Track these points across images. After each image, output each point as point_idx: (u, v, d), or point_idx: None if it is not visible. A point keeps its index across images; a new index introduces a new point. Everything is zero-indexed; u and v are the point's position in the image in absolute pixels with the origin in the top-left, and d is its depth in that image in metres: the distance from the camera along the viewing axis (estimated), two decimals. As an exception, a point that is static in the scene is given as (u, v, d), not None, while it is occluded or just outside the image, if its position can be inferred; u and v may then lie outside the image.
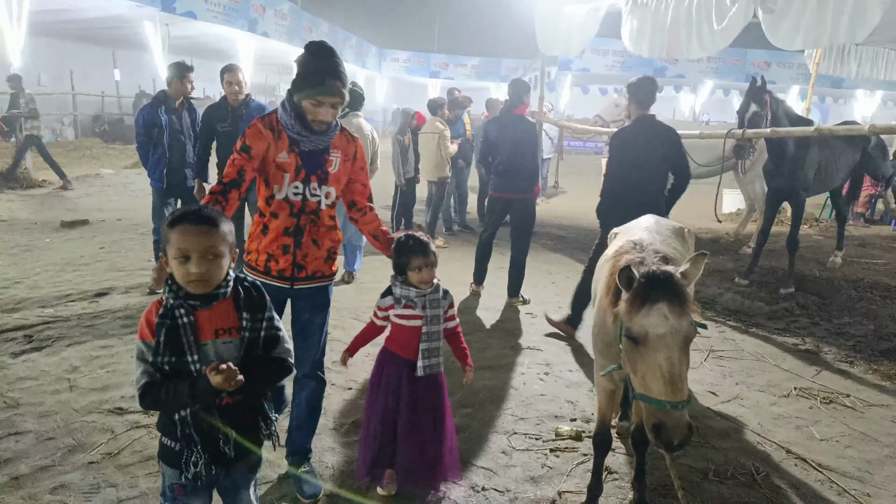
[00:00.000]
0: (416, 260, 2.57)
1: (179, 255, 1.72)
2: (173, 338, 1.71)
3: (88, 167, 13.76)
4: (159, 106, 5.40)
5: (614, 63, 23.37)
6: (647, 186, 4.48)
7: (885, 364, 4.58)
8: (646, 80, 4.63)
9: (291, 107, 2.50)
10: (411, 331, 2.63)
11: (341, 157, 2.67)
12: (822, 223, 10.76)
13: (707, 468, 3.11)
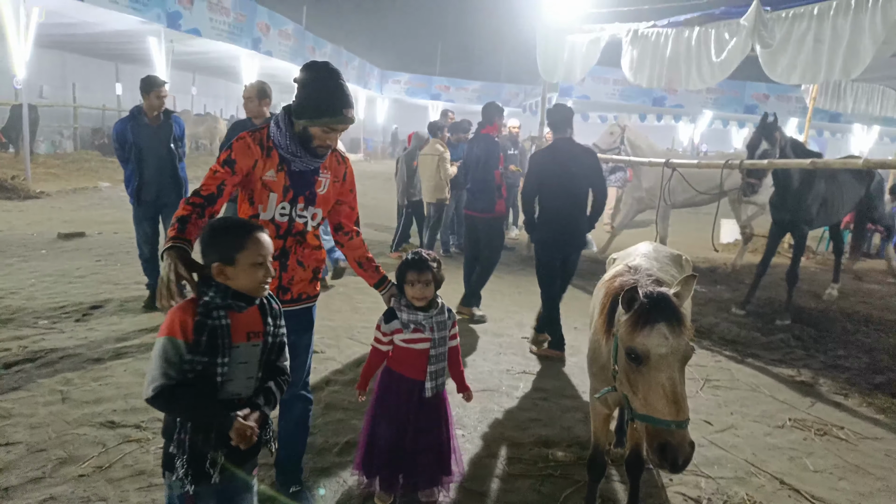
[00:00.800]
0: (410, 274, 2.62)
1: (260, 260, 1.89)
2: (211, 338, 1.79)
3: (87, 180, 13.80)
4: (130, 120, 5.23)
5: (614, 91, 23.64)
6: (564, 203, 4.84)
7: (879, 397, 4.58)
8: (560, 106, 5.09)
9: (288, 127, 2.43)
10: (418, 353, 2.65)
11: (331, 179, 2.60)
12: (819, 255, 10.82)
13: (700, 497, 3.09)
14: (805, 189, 6.09)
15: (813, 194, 6.16)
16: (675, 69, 6.92)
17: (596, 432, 2.75)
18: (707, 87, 8.95)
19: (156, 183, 5.27)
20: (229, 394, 1.87)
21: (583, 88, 23.13)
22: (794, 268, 6.33)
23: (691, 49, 6.67)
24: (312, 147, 2.44)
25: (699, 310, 6.45)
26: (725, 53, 6.24)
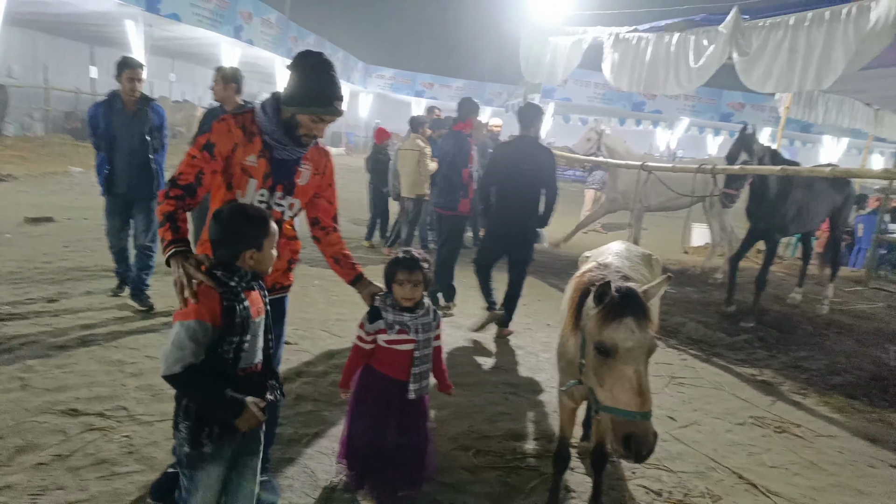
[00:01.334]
0: (401, 273, 2.59)
1: (276, 240, 2.12)
2: (232, 318, 1.94)
3: (57, 164, 13.49)
4: (104, 105, 4.93)
5: (595, 94, 23.88)
6: (516, 197, 5.04)
7: (836, 397, 4.75)
8: (531, 104, 5.19)
9: (275, 113, 2.41)
10: (402, 354, 2.62)
11: (311, 170, 2.59)
12: (784, 261, 11.09)
13: (662, 490, 3.19)
14: (781, 198, 6.25)
15: (788, 203, 6.32)
16: (654, 74, 7.05)
17: (562, 426, 2.82)
18: (685, 92, 9.12)
19: (126, 175, 4.96)
20: (248, 363, 2.04)
21: (565, 91, 23.33)
22: (763, 273, 6.50)
23: (671, 54, 6.80)
24: (298, 135, 2.43)
25: (667, 309, 6.59)
26: (703, 60, 6.38)
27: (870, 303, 8.15)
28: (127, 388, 3.67)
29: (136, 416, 3.37)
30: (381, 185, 8.61)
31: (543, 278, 7.91)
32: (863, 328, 6.72)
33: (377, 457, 2.67)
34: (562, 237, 9.60)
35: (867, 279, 9.51)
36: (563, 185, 22.25)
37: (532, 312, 6.31)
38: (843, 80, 5.73)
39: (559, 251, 9.76)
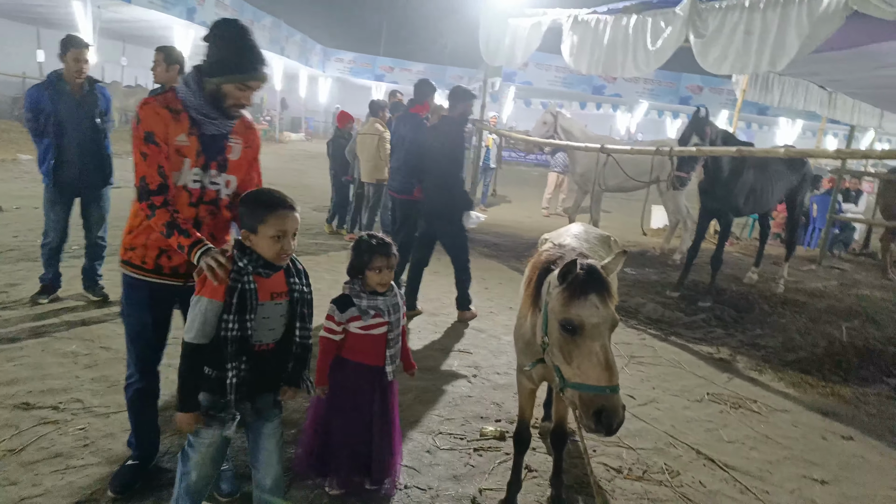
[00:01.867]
0: (378, 260, 2.56)
1: (278, 234, 2.14)
2: (241, 299, 2.08)
3: (4, 151, 12.94)
4: (47, 88, 4.57)
5: (556, 78, 23.95)
6: (434, 177, 5.14)
7: (790, 373, 4.89)
8: (458, 87, 5.24)
9: (199, 87, 2.33)
10: (377, 338, 2.60)
11: (242, 144, 2.52)
12: (741, 241, 11.36)
13: (622, 467, 3.23)
14: (733, 179, 6.36)
15: (741, 184, 6.44)
16: (613, 56, 7.06)
17: (522, 407, 2.82)
18: (643, 75, 9.19)
19: (77, 162, 4.62)
20: (255, 341, 2.17)
21: (526, 74, 23.34)
22: (718, 253, 6.64)
23: (628, 37, 6.81)
24: (225, 107, 2.36)
25: (627, 291, 6.68)
26: (661, 42, 6.40)
27: (823, 281, 8.40)
28: (81, 380, 3.57)
29: (92, 408, 3.28)
30: (341, 171, 8.48)
31: (505, 262, 7.93)
32: (816, 306, 6.92)
33: (359, 449, 2.64)
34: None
35: (821, 258, 9.80)
36: (525, 169, 22.36)
37: (494, 296, 6.32)
38: (797, 62, 5.83)
39: (523, 235, 9.79)
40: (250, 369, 2.16)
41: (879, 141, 19.60)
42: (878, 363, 5.22)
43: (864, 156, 6.24)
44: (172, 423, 3.16)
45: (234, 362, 2.11)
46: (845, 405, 4.40)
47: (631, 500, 2.94)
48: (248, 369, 2.15)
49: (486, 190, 13.21)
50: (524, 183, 18.93)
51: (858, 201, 12.12)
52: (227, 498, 2.66)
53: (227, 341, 2.09)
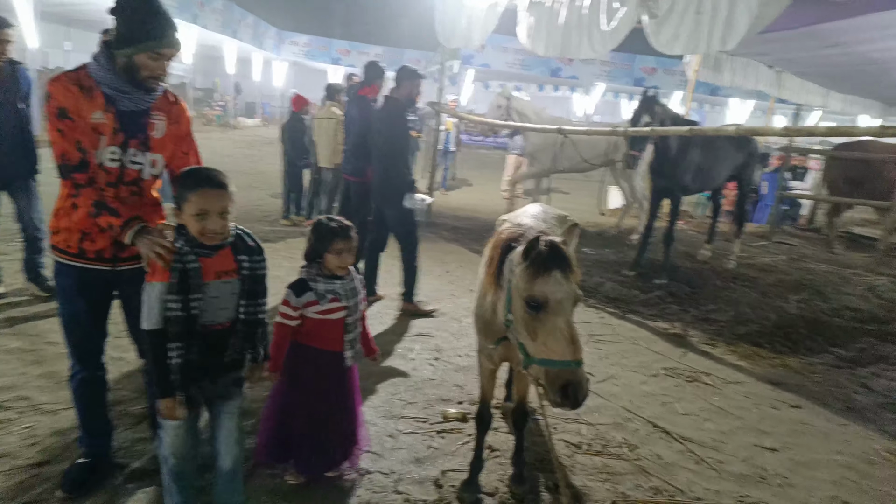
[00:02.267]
0: (338, 243, 2.52)
1: (199, 212, 2.10)
2: (183, 280, 2.07)
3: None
4: None
5: (514, 61, 23.95)
6: (377, 157, 5.12)
7: (742, 346, 5.04)
8: (403, 67, 5.17)
9: (109, 61, 2.26)
10: (334, 323, 2.57)
11: (166, 121, 2.43)
12: (695, 219, 11.63)
13: (581, 443, 3.29)
14: (681, 157, 6.50)
15: (688, 162, 6.57)
16: (568, 38, 7.07)
17: (483, 388, 2.84)
18: (598, 56, 9.25)
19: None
20: (205, 321, 2.16)
21: (484, 57, 23.28)
22: (669, 230, 6.78)
23: (583, 18, 6.83)
24: (141, 80, 2.29)
25: (587, 271, 6.77)
26: (615, 23, 6.43)
27: (773, 256, 8.67)
28: (28, 377, 3.45)
29: (39, 405, 3.18)
30: (296, 157, 8.32)
31: (465, 245, 7.95)
32: (766, 280, 7.15)
33: (317, 436, 2.62)
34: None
35: (771, 234, 10.11)
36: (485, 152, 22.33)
37: (455, 279, 6.33)
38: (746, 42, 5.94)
39: (484, 218, 9.82)
40: (203, 349, 2.16)
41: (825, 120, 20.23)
42: (824, 334, 5.43)
43: (809, 133, 6.44)
44: (127, 417, 3.10)
45: (177, 342, 2.10)
46: (794, 375, 4.56)
47: (591, 474, 3.00)
48: (201, 350, 2.15)
49: (445, 174, 13.18)
50: (484, 166, 18.93)
51: (805, 178, 12.54)
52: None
53: (170, 322, 2.08)
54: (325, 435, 2.63)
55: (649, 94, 6.25)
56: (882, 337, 5.51)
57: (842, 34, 7.39)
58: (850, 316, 6.00)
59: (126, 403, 3.26)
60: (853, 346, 5.24)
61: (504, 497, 2.76)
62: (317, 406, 2.61)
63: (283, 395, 2.65)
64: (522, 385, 2.78)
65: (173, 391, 2.13)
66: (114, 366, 3.65)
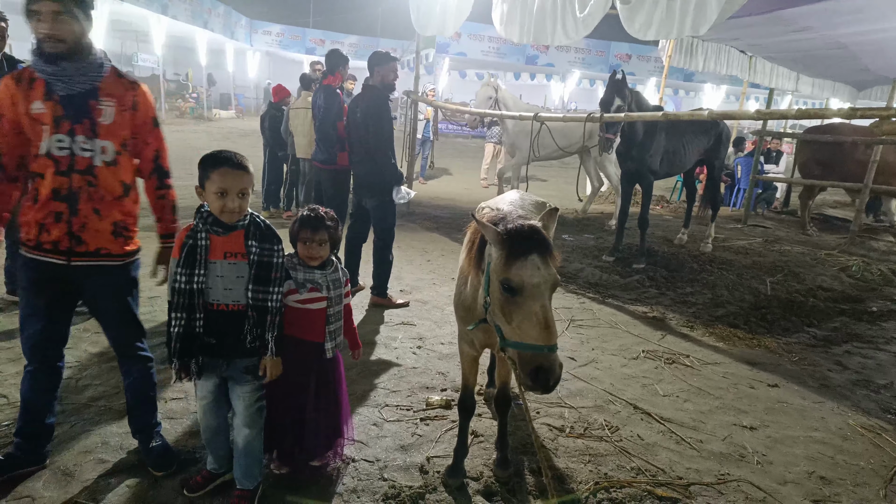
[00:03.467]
0: (304, 232, 2.53)
1: (220, 190, 2.22)
2: (191, 255, 2.21)
3: None
4: None
5: (490, 49, 23.95)
6: (358, 148, 5.02)
7: (720, 328, 5.12)
8: (375, 52, 5.08)
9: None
10: (315, 313, 2.56)
11: (116, 107, 2.37)
12: (671, 204, 11.76)
13: (564, 426, 3.33)
14: (648, 141, 6.56)
15: (655, 146, 6.63)
16: (542, 24, 7.08)
17: (465, 374, 2.85)
18: (572, 43, 9.28)
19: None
20: (210, 299, 2.27)
21: (459, 45, 23.24)
22: (643, 214, 6.85)
23: (557, 4, 6.84)
24: (42, 49, 2.24)
25: (567, 257, 6.82)
26: (588, 9, 6.45)
27: (748, 239, 8.81)
28: (4, 375, 3.39)
29: (17, 402, 3.09)
30: (277, 147, 8.24)
31: (447, 234, 7.95)
32: (742, 262, 7.27)
33: (297, 426, 2.61)
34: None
35: (745, 217, 10.27)
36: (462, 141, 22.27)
37: (436, 267, 6.34)
38: (718, 27, 5.99)
39: (463, 206, 9.82)
40: (210, 327, 2.27)
41: (796, 103, 20.57)
42: (799, 314, 5.54)
43: (781, 116, 6.50)
44: (109, 412, 3.06)
45: (179, 313, 2.22)
46: (770, 355, 4.65)
47: (573, 457, 3.04)
48: (207, 327, 2.26)
49: (424, 163, 13.15)
50: (462, 155, 18.94)
51: (779, 161, 12.73)
52: (163, 472, 2.64)
53: (175, 292, 2.22)
54: (307, 425, 2.62)
55: (618, 77, 6.28)
56: (855, 316, 5.65)
57: (809, 18, 7.51)
58: (824, 296, 6.13)
59: (107, 399, 3.22)
60: (827, 326, 5.36)
61: (489, 481, 2.78)
62: (297, 396, 2.60)
63: (268, 385, 2.63)
64: (504, 371, 2.80)
65: (171, 358, 2.24)
66: (94, 361, 3.61)
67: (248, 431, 2.42)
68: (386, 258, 5.10)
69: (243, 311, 2.30)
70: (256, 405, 2.44)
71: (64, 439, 2.84)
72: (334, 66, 5.72)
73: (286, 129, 7.85)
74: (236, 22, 26.31)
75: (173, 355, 2.25)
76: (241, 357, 2.36)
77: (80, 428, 2.94)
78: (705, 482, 2.91)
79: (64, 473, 2.60)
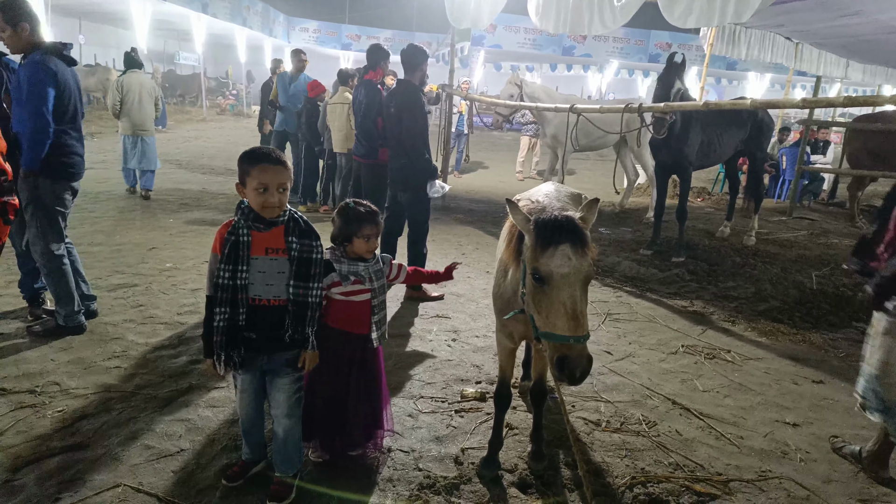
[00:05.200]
0: (367, 228, 2.55)
1: (260, 186, 2.25)
2: (233, 251, 2.26)
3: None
4: None
5: (526, 40, 23.73)
6: (393, 142, 5.05)
7: (762, 322, 5.00)
8: (410, 46, 5.06)
9: None
10: (360, 305, 2.60)
11: None
12: (713, 196, 11.49)
13: (600, 420, 3.30)
14: (684, 132, 6.39)
15: (692, 137, 6.46)
16: (579, 14, 6.98)
17: (502, 366, 2.85)
18: (609, 32, 9.14)
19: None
20: (251, 294, 2.32)
21: (495, 38, 23.10)
22: (682, 206, 6.71)
23: (594, -7, 6.74)
24: None
25: (603, 250, 6.74)
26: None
27: (793, 231, 8.56)
28: (57, 364, 3.53)
29: (69, 390, 3.26)
30: (313, 142, 8.35)
31: (482, 227, 7.94)
32: (787, 256, 7.07)
33: (338, 416, 2.66)
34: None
35: (791, 209, 9.97)
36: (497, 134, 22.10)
37: (471, 261, 6.33)
38: (762, 13, 5.83)
39: (498, 200, 9.78)
40: (252, 322, 2.32)
41: (846, 91, 19.81)
42: (847, 309, 5.36)
43: (828, 104, 6.26)
44: (154, 400, 3.16)
45: (221, 307, 2.27)
46: (816, 351, 4.52)
47: (609, 451, 3.01)
48: (249, 321, 2.32)
49: (459, 156, 13.14)
50: (497, 148, 18.86)
51: (826, 152, 12.30)
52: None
53: (218, 287, 2.27)
54: (348, 416, 2.67)
55: (677, 61, 6.13)
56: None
57: (859, 2, 7.21)
58: (872, 290, 5.91)
59: (153, 388, 3.33)
60: (876, 320, 5.17)
61: (523, 473, 2.78)
62: (340, 387, 2.65)
63: (309, 375, 2.68)
64: (541, 363, 2.79)
65: (212, 353, 2.30)
66: (140, 352, 3.74)
67: (288, 422, 2.48)
68: (420, 251, 5.11)
69: (284, 306, 2.34)
70: (296, 396, 2.48)
71: (112, 425, 2.95)
72: (375, 61, 5.74)
73: (323, 123, 7.94)
74: (274, 19, 26.67)
75: (219, 348, 2.30)
76: (282, 351, 2.40)
77: (127, 415, 3.05)
78: (745, 479, 2.85)
79: (112, 458, 2.70)
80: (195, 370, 3.55)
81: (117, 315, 4.29)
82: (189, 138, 16.05)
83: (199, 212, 7.71)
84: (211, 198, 8.70)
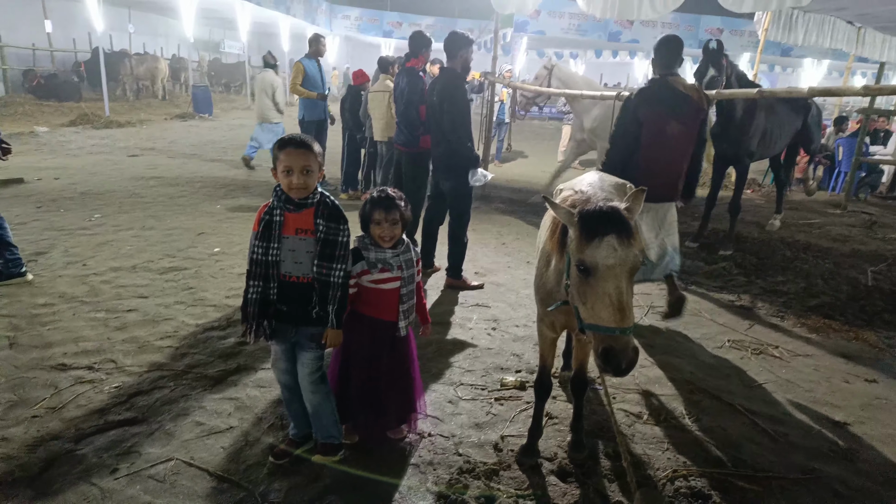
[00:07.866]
0: (376, 213, 2.59)
1: (286, 168, 2.40)
2: (267, 229, 2.42)
3: (21, 125, 13.03)
4: None
5: (570, 26, 23.29)
6: (434, 131, 5.05)
7: (813, 318, 4.85)
8: (452, 34, 5.02)
9: None
10: (389, 293, 2.65)
11: None
12: (763, 188, 11.15)
13: (641, 412, 3.27)
14: (747, 121, 6.17)
15: (754, 127, 6.24)
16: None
17: (543, 355, 2.84)
18: (659, 17, 8.91)
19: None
20: (282, 270, 2.46)
21: (538, 24, 22.75)
22: (736, 199, 6.52)
23: (644, -22, 6.59)
24: None
25: (648, 241, 6.62)
26: (678, -19, 6.20)
27: (848, 226, 8.25)
28: (113, 342, 3.69)
29: (125, 367, 3.41)
30: (355, 129, 8.43)
31: (522, 217, 7.90)
32: (840, 250, 6.82)
33: (370, 400, 2.72)
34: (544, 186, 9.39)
35: (846, 202, 9.60)
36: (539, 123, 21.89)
37: (512, 251, 6.32)
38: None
39: (539, 189, 9.69)
40: (281, 296, 2.47)
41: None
42: (904, 306, 5.16)
43: (892, 91, 5.96)
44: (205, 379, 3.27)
45: (255, 281, 2.45)
46: (869, 349, 4.36)
47: (651, 443, 2.98)
48: (280, 295, 2.47)
49: (500, 145, 13.08)
50: (539, 137, 18.70)
51: (887, 142, 11.77)
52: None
53: (253, 262, 2.44)
54: (382, 398, 2.73)
55: (712, 47, 5.94)
56: (967, 309, 5.19)
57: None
58: (931, 287, 5.67)
59: (203, 366, 3.44)
60: (935, 319, 4.96)
61: (563, 462, 2.78)
62: (370, 372, 2.71)
63: (342, 358, 2.76)
64: (582, 353, 2.78)
65: (246, 320, 2.47)
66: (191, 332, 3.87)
67: (313, 397, 2.61)
68: (461, 240, 5.12)
69: (311, 284, 2.47)
70: (318, 373, 2.60)
71: (165, 402, 3.08)
72: (417, 49, 5.71)
73: (364, 112, 8.00)
74: (317, 7, 26.85)
75: (251, 318, 2.45)
76: (308, 325, 2.52)
77: (179, 392, 3.17)
78: (790, 477, 2.78)
79: (165, 433, 2.82)
80: (243, 351, 3.67)
81: (169, 297, 4.45)
82: (234, 126, 16.37)
83: (245, 198, 7.89)
84: (256, 185, 8.89)
